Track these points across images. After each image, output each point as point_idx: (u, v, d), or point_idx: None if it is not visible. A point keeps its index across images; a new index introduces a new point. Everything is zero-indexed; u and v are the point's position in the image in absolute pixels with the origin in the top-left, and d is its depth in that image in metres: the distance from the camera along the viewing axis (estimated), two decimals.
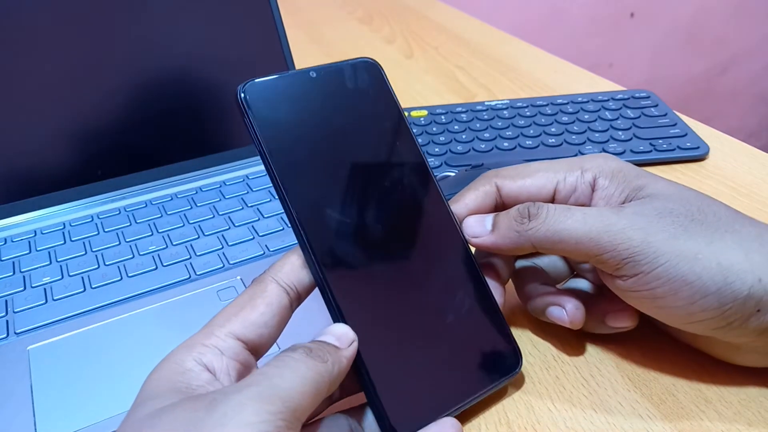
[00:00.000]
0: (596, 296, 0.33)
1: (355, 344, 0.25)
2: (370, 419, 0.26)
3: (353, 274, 0.27)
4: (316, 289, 0.27)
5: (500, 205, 0.32)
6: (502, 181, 0.31)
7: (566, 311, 0.31)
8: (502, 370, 0.29)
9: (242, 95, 0.27)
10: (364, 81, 0.30)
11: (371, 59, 0.31)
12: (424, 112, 0.57)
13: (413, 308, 0.28)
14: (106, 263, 0.40)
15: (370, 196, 0.28)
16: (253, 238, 0.42)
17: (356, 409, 0.27)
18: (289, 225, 0.27)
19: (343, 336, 0.25)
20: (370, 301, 0.27)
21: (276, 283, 0.26)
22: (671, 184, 0.29)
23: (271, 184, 0.27)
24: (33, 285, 0.39)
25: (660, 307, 0.27)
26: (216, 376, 0.23)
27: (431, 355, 0.27)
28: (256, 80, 0.27)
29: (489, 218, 0.30)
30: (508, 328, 0.30)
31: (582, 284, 0.35)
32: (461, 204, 0.31)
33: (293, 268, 0.26)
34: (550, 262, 0.35)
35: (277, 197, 0.27)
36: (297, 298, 0.26)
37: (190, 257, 0.41)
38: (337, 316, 0.26)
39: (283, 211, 0.28)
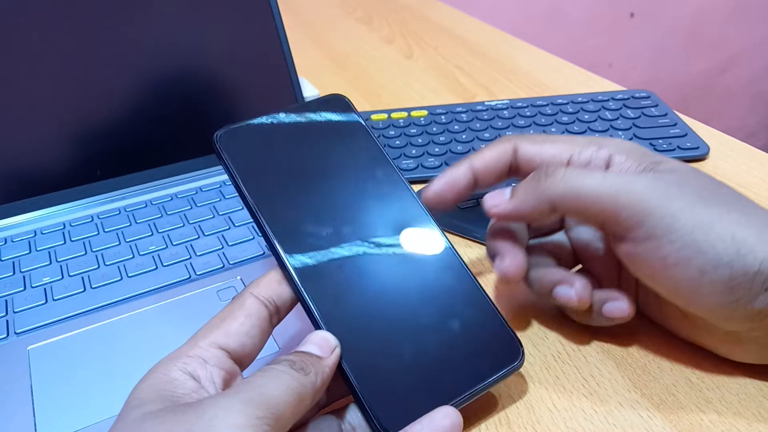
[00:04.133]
0: (595, 288, 0.33)
1: (338, 351, 0.26)
2: (359, 416, 0.26)
3: (330, 282, 0.28)
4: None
5: (514, 166, 0.32)
6: (520, 143, 0.32)
7: (575, 289, 0.30)
8: (499, 362, 0.28)
9: (217, 141, 0.30)
10: (333, 114, 0.33)
11: (339, 94, 0.34)
12: (424, 112, 0.57)
13: (396, 308, 0.28)
14: (106, 263, 0.40)
15: (344, 212, 0.30)
16: (253, 238, 0.42)
17: (344, 409, 0.27)
18: (268, 248, 0.29)
19: (324, 344, 0.26)
20: (349, 305, 0.27)
21: (254, 297, 0.27)
22: (686, 164, 0.29)
23: (249, 215, 0.30)
24: (33, 285, 0.39)
25: (669, 277, 0.27)
26: (201, 384, 0.23)
27: (419, 353, 0.27)
28: (231, 126, 0.31)
29: (507, 189, 0.31)
30: (503, 320, 0.30)
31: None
32: (478, 158, 0.32)
33: (270, 283, 0.27)
34: (554, 248, 0.35)
35: (255, 227, 0.29)
36: (276, 312, 0.27)
37: (190, 257, 0.41)
38: (318, 323, 0.27)
39: None
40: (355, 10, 0.96)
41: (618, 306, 0.31)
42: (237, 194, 0.29)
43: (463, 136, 0.53)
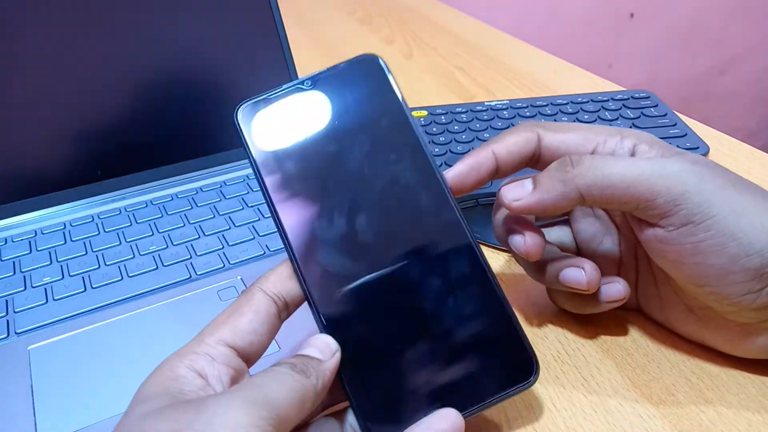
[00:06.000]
0: None
1: (338, 354, 0.25)
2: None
3: (338, 284, 0.26)
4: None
5: (537, 157, 0.30)
6: (543, 132, 0.30)
7: (585, 271, 0.30)
8: (509, 379, 0.26)
9: (237, 117, 0.28)
10: (362, 80, 0.29)
11: (371, 55, 0.30)
12: (424, 113, 0.57)
13: (404, 315, 0.26)
14: (107, 263, 0.40)
15: (362, 205, 0.27)
16: (254, 238, 0.42)
17: (345, 411, 0.27)
18: (280, 239, 0.27)
19: (325, 347, 0.25)
20: (354, 310, 0.26)
21: (263, 293, 0.26)
22: (705, 158, 0.29)
23: (263, 199, 0.28)
24: (33, 285, 0.39)
25: (698, 263, 0.27)
26: (208, 382, 0.23)
27: (423, 364, 0.26)
28: (250, 100, 0.28)
29: (527, 180, 0.29)
30: (520, 333, 0.27)
31: None
32: (502, 145, 0.30)
33: (279, 279, 0.27)
34: (557, 238, 0.35)
35: (268, 211, 0.27)
36: (285, 307, 0.27)
37: (191, 257, 0.41)
38: (321, 326, 0.26)
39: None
40: (355, 10, 0.96)
41: (614, 288, 0.30)
42: (255, 178, 0.27)
43: (463, 137, 0.53)
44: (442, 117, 0.56)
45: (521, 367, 0.26)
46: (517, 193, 0.29)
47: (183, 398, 0.22)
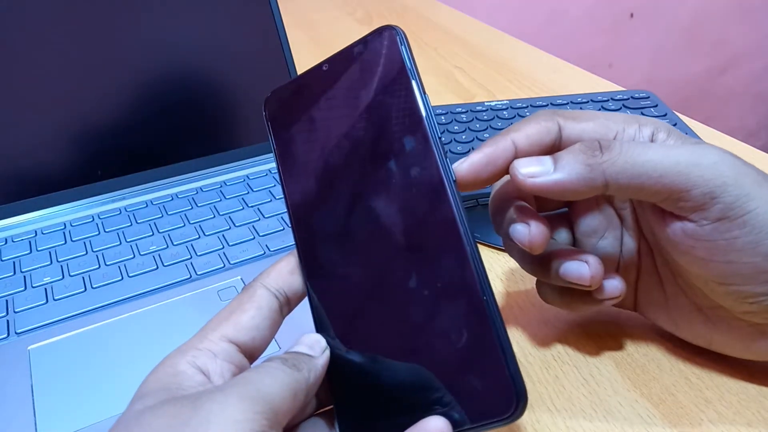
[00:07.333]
0: None
1: (327, 352, 0.25)
2: None
3: (334, 285, 0.26)
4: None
5: (557, 148, 0.28)
6: (564, 121, 0.28)
7: (589, 265, 0.28)
8: (485, 409, 0.22)
9: (264, 109, 0.27)
10: (377, 58, 0.26)
11: (388, 27, 0.26)
12: None
13: (385, 322, 0.25)
14: (107, 263, 0.40)
15: (366, 206, 0.26)
16: (254, 238, 0.42)
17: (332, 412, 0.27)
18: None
19: (315, 344, 0.25)
20: (342, 313, 0.26)
21: (264, 288, 0.26)
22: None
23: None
24: (34, 285, 0.39)
25: (730, 261, 0.25)
26: (210, 379, 0.23)
27: (398, 375, 0.24)
28: (275, 90, 0.27)
29: (545, 157, 0.26)
30: (505, 359, 0.22)
31: None
32: (522, 133, 0.27)
33: (280, 274, 0.27)
34: (553, 230, 0.32)
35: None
36: (287, 303, 0.27)
37: (191, 257, 0.41)
38: (315, 325, 0.26)
39: (285, 211, 0.28)
40: (355, 10, 0.96)
41: (611, 284, 0.29)
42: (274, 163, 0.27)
43: (463, 137, 0.53)
44: (442, 117, 0.56)
45: (500, 399, 0.22)
46: (534, 168, 0.26)
47: (182, 394, 0.22)
